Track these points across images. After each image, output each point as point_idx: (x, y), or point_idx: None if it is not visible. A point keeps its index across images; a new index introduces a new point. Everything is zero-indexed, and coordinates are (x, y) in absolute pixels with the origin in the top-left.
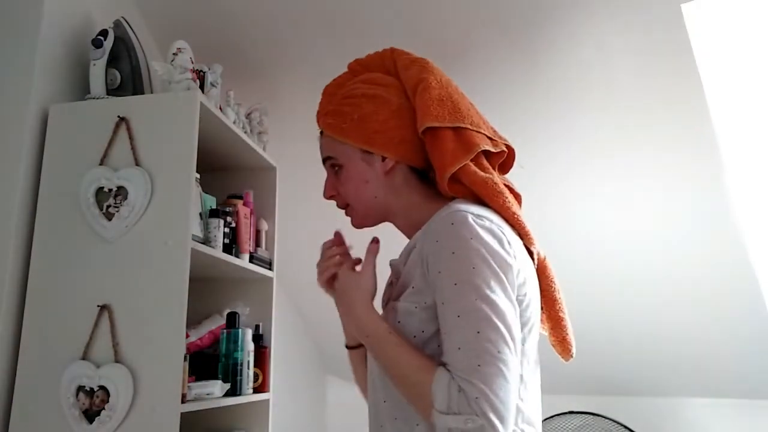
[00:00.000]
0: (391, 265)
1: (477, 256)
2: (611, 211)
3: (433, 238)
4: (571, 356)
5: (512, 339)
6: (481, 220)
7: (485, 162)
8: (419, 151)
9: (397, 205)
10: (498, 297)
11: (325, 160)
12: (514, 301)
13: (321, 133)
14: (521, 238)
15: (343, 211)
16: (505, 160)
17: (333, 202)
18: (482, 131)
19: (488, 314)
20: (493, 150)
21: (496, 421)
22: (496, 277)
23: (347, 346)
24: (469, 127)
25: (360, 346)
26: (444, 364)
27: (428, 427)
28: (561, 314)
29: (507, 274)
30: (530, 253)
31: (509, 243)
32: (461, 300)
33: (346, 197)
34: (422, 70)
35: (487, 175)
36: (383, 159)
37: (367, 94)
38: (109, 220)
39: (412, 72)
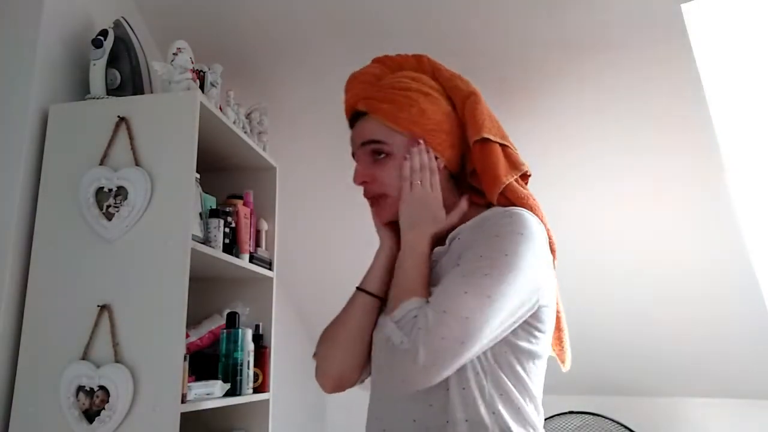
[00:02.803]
0: (435, 252)
1: (512, 247)
2: (611, 212)
3: (483, 227)
4: (568, 365)
5: (490, 322)
6: (535, 217)
7: (521, 181)
8: (459, 158)
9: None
10: (506, 290)
11: (365, 143)
12: (521, 302)
13: (357, 115)
14: None
15: (369, 201)
16: None
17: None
18: (518, 153)
19: (486, 290)
20: (528, 172)
21: (421, 358)
22: (518, 274)
23: (369, 292)
24: (511, 146)
25: (379, 298)
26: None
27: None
28: (563, 325)
29: (532, 273)
30: None
31: (547, 244)
32: (475, 268)
33: (386, 187)
34: (469, 84)
35: (527, 192)
36: (435, 158)
37: (422, 91)
38: (109, 220)
39: (459, 83)
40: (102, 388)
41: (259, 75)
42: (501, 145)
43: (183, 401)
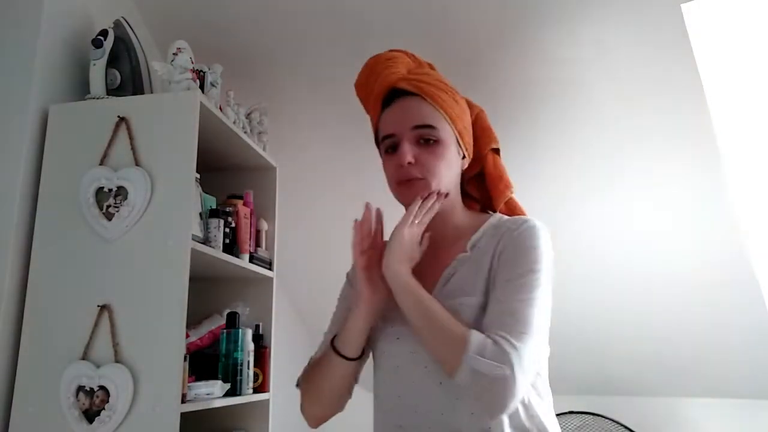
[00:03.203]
0: (461, 260)
1: (546, 257)
2: (611, 213)
3: (508, 237)
4: None
5: (546, 327)
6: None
7: None
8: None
9: (453, 201)
10: (547, 292)
11: (420, 127)
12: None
13: (397, 93)
14: None
15: (401, 184)
16: None
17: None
18: None
19: (539, 301)
20: None
21: (519, 376)
22: (550, 277)
23: (347, 357)
24: None
25: (358, 359)
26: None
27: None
28: None
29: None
30: None
31: None
32: (528, 282)
33: (428, 172)
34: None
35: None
36: (463, 156)
37: (457, 93)
38: (109, 220)
39: (469, 100)
40: (102, 388)
41: (259, 75)
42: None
43: (183, 401)
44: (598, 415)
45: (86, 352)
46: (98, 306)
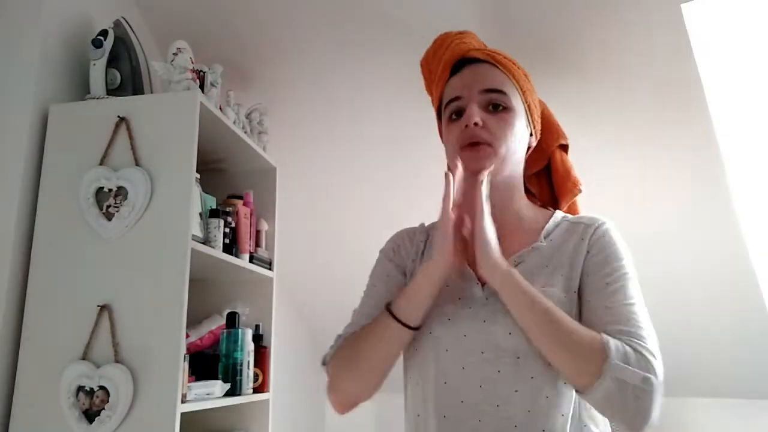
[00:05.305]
0: (536, 248)
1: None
2: (609, 212)
3: (597, 240)
4: None
5: None
6: None
7: None
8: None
9: (516, 182)
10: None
11: (491, 91)
12: None
13: (466, 62)
14: None
15: (466, 147)
16: None
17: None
18: None
19: (642, 303)
20: None
21: (660, 385)
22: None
23: (409, 325)
24: None
25: (417, 329)
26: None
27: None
28: None
29: None
30: None
31: None
32: (625, 287)
33: (496, 138)
34: None
35: None
36: (531, 134)
37: (525, 72)
38: (109, 220)
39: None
40: (102, 388)
41: (259, 75)
42: None
43: (183, 401)
44: None
45: (86, 352)
46: (98, 306)
